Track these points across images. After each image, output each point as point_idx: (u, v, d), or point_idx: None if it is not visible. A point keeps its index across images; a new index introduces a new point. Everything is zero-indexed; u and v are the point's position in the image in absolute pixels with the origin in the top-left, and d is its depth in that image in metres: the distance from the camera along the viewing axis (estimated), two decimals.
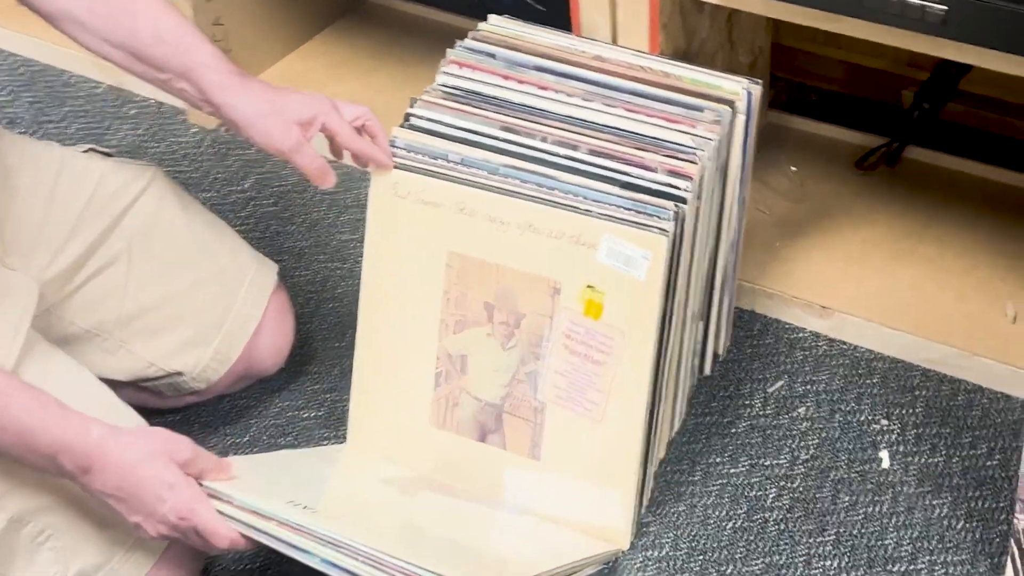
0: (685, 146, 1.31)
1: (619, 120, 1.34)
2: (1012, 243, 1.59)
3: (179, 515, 1.16)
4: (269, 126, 1.29)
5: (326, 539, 1.15)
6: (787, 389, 1.50)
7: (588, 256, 1.27)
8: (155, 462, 1.16)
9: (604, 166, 1.30)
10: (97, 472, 1.14)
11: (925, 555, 1.32)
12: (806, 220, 1.65)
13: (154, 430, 1.20)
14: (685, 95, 1.36)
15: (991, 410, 1.45)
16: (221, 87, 1.29)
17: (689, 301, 1.37)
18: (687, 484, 1.41)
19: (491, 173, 1.31)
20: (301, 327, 1.58)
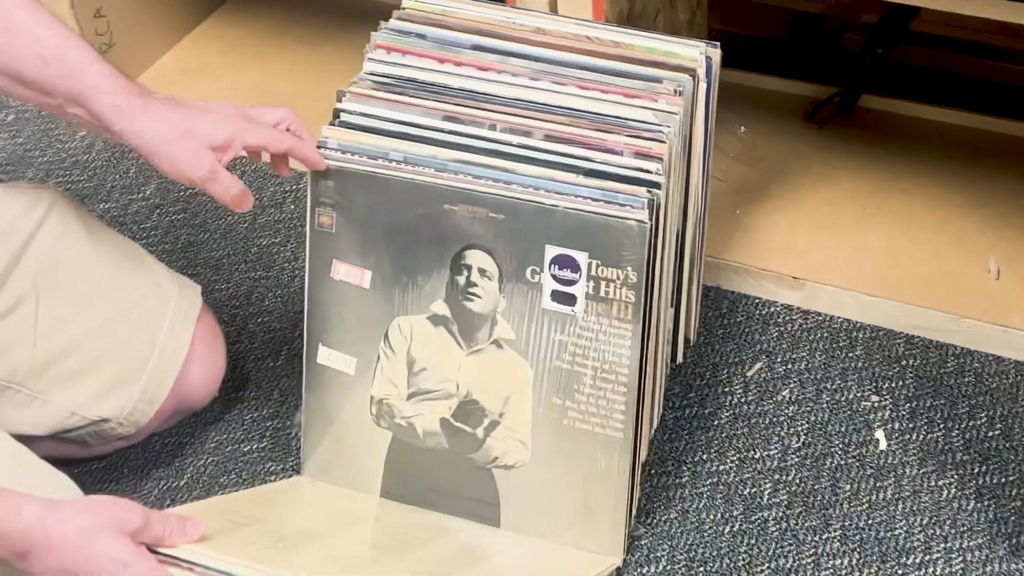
0: (649, 123, 1.19)
1: (573, 99, 1.21)
2: (983, 190, 1.51)
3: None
4: (177, 153, 1.15)
5: None
6: (767, 371, 1.39)
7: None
8: (104, 537, 1.02)
9: (564, 153, 1.18)
10: (38, 556, 1.00)
11: (939, 542, 1.23)
12: (763, 184, 1.54)
13: (97, 499, 1.06)
14: (640, 66, 1.24)
15: (984, 374, 1.37)
16: (118, 112, 1.14)
17: (663, 289, 1.26)
18: (675, 487, 1.30)
19: (439, 171, 1.18)
20: (229, 348, 1.43)
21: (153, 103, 1.15)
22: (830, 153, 1.57)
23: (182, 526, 1.06)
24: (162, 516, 1.06)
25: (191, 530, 1.06)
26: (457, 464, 1.24)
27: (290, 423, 1.40)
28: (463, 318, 1.21)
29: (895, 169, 1.54)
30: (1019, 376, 1.36)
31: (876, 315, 1.42)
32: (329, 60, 1.80)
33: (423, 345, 1.24)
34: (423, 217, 1.19)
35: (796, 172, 1.55)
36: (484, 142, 1.19)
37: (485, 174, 1.17)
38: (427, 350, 1.24)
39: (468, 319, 1.21)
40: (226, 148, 1.16)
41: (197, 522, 1.07)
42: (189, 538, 1.06)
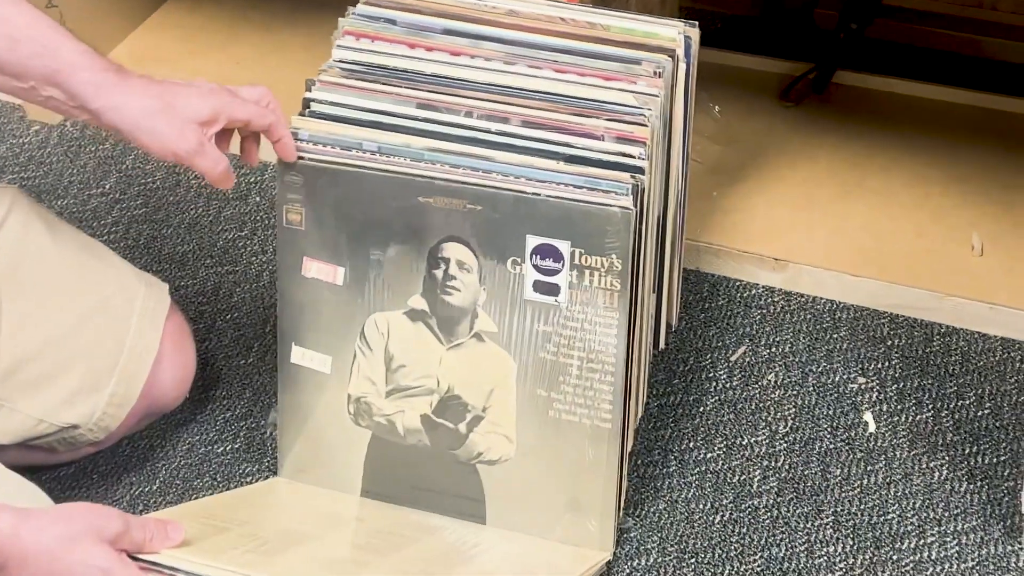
0: (630, 106, 1.16)
1: (549, 83, 1.18)
2: (962, 165, 1.49)
3: None
4: (160, 126, 1.10)
5: None
6: (751, 355, 1.37)
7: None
8: (82, 545, 0.98)
9: (543, 139, 1.14)
10: (14, 568, 0.96)
11: (933, 526, 1.21)
12: (740, 164, 1.52)
13: (73, 506, 1.02)
14: (617, 47, 1.20)
15: (970, 353, 1.35)
16: (96, 88, 1.09)
17: (647, 275, 1.23)
18: (663, 477, 1.27)
19: (415, 160, 1.14)
20: (198, 346, 1.39)
21: (132, 78, 1.11)
22: (806, 131, 1.54)
23: (163, 531, 1.02)
24: (142, 521, 1.02)
25: (173, 534, 1.02)
26: (440, 461, 1.21)
27: (264, 423, 1.36)
28: (442, 312, 1.18)
29: (872, 146, 1.52)
30: (1006, 353, 1.34)
31: (859, 295, 1.40)
32: (289, 47, 1.76)
33: (401, 341, 1.20)
34: (397, 210, 1.15)
35: (772, 151, 1.53)
36: (460, 129, 1.16)
37: (462, 163, 1.13)
38: (405, 346, 1.20)
39: (447, 313, 1.18)
40: (212, 122, 1.11)
41: (178, 525, 1.04)
42: (171, 543, 1.02)
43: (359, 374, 1.21)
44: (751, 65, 1.62)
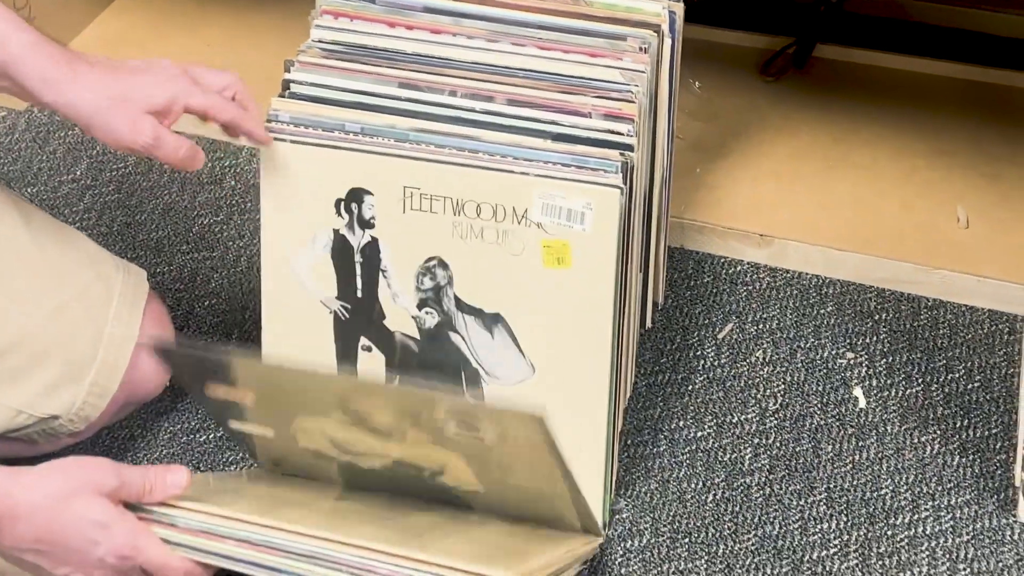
0: (616, 83, 1.14)
1: (534, 61, 1.16)
2: (946, 138, 1.48)
3: (119, 555, 0.97)
4: (112, 121, 1.07)
5: (300, 553, 0.97)
6: (738, 332, 1.36)
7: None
8: (78, 500, 0.96)
9: (529, 117, 1.12)
10: (7, 526, 0.94)
11: (926, 500, 1.20)
12: (722, 140, 1.50)
13: (65, 462, 0.99)
14: (602, 23, 1.19)
15: (958, 326, 1.34)
16: (45, 83, 1.07)
17: (634, 253, 1.21)
18: (653, 457, 1.26)
19: (399, 141, 1.12)
20: (177, 334, 1.37)
21: (84, 71, 1.08)
22: (788, 106, 1.53)
23: (163, 479, 0.99)
24: (140, 471, 0.99)
25: (175, 480, 0.99)
26: (414, 485, 1.20)
27: None
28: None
29: (855, 120, 1.51)
30: (994, 325, 1.34)
31: (845, 270, 1.39)
32: (261, 29, 1.73)
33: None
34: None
35: (755, 126, 1.52)
36: (445, 109, 1.14)
37: (448, 143, 1.11)
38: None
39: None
40: (167, 111, 1.08)
41: (180, 469, 1.00)
42: (174, 491, 0.99)
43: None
44: (731, 40, 1.61)
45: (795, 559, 1.17)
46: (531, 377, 1.16)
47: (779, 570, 1.17)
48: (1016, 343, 1.32)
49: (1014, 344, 1.32)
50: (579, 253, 1.10)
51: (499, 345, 1.15)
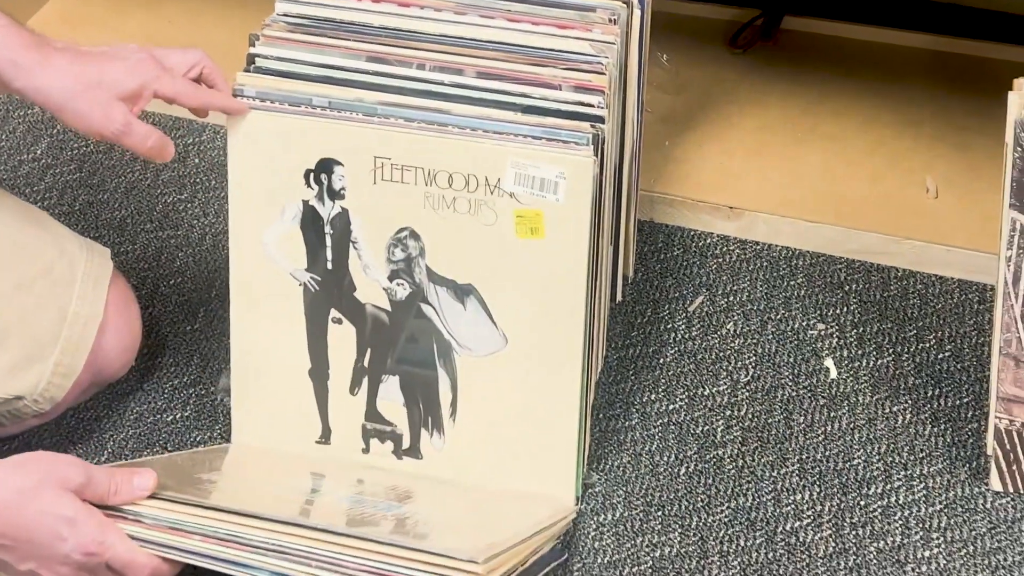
0: (586, 55, 1.13)
1: (503, 33, 1.15)
2: (914, 108, 1.48)
3: (85, 551, 0.97)
4: (84, 108, 1.06)
5: (268, 547, 0.97)
6: (709, 304, 1.35)
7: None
8: (45, 495, 0.96)
9: (499, 90, 1.11)
10: None
11: (899, 470, 1.20)
12: (691, 113, 1.50)
13: (31, 456, 0.99)
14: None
15: (928, 296, 1.34)
16: (16, 68, 1.06)
17: (604, 225, 1.20)
18: (625, 430, 1.26)
19: (368, 115, 1.11)
20: (142, 313, 1.35)
21: (53, 56, 1.06)
22: (756, 77, 1.53)
23: (129, 482, 0.99)
24: (107, 472, 0.99)
25: (141, 484, 0.99)
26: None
27: (214, 389, 1.32)
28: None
29: (823, 91, 1.51)
30: (964, 295, 1.34)
31: (815, 241, 1.38)
32: (223, 4, 1.71)
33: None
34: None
35: (723, 99, 1.51)
36: (413, 82, 1.12)
37: (417, 116, 1.10)
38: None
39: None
40: (136, 98, 1.07)
41: (147, 472, 1.00)
42: (140, 494, 0.99)
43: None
44: (699, 13, 1.60)
45: (768, 530, 1.17)
46: (504, 348, 1.15)
47: (753, 541, 1.17)
48: (986, 312, 1.32)
49: (984, 313, 1.32)
50: (552, 223, 1.09)
51: (471, 316, 1.14)
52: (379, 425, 1.19)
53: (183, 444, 1.28)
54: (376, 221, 1.13)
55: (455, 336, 1.16)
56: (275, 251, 1.16)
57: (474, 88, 1.11)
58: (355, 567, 0.96)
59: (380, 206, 1.12)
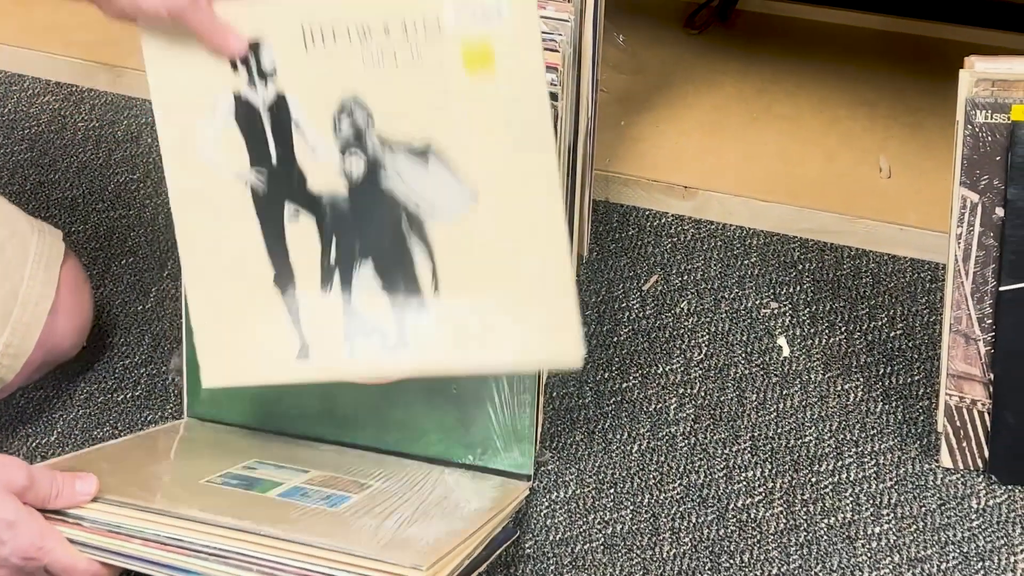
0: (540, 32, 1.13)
1: None
2: (867, 89, 1.48)
3: (23, 555, 0.95)
4: None
5: (210, 552, 0.96)
6: (663, 283, 1.36)
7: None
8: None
9: None
10: None
11: (850, 447, 1.21)
12: (647, 93, 1.49)
13: None
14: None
15: (880, 274, 1.35)
16: None
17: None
18: (579, 408, 1.26)
19: None
20: (94, 293, 1.34)
21: None
22: (711, 58, 1.53)
23: (71, 486, 0.98)
24: (49, 475, 0.98)
25: (83, 489, 0.98)
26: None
27: (166, 369, 1.31)
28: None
29: (778, 71, 1.51)
30: (916, 274, 1.35)
31: (769, 220, 1.39)
32: None
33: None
34: None
35: (679, 79, 1.51)
36: None
37: None
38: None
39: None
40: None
41: (89, 478, 0.99)
42: (81, 499, 0.98)
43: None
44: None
45: (720, 507, 1.18)
46: (475, 205, 1.05)
47: (704, 518, 1.17)
48: (938, 291, 1.33)
49: (936, 292, 1.33)
50: (502, 52, 1.01)
51: (435, 177, 1.05)
52: (360, 321, 1.09)
53: (134, 424, 1.27)
54: (315, 96, 1.05)
55: (421, 204, 1.06)
56: (213, 153, 1.07)
57: None
58: (296, 572, 0.95)
59: (316, 77, 1.04)
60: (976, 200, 1.11)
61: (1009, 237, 1.11)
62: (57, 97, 1.61)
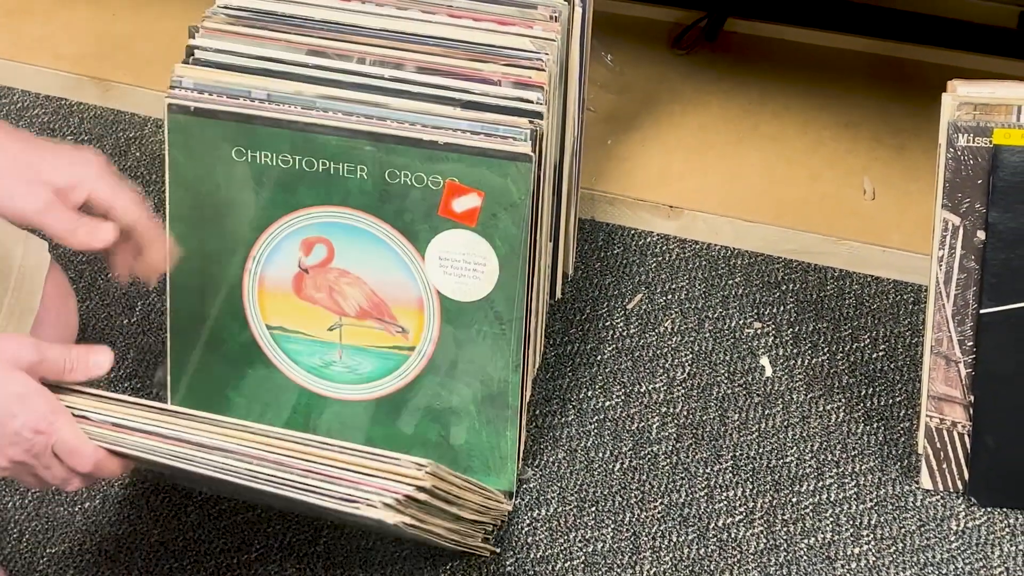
0: (526, 51, 1.14)
1: (444, 28, 1.15)
2: (853, 111, 1.49)
3: (35, 428, 0.94)
4: (8, 187, 1.00)
5: (211, 444, 0.96)
6: (647, 302, 1.36)
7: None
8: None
9: (439, 85, 1.12)
10: None
11: (831, 467, 1.22)
12: (634, 112, 1.50)
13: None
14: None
15: (864, 296, 1.36)
16: None
17: (544, 223, 1.21)
18: (562, 426, 1.26)
19: (306, 108, 1.11)
20: (80, 306, 1.35)
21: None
22: (698, 78, 1.54)
23: (86, 359, 0.97)
24: (62, 349, 0.97)
25: (97, 361, 0.97)
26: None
27: (150, 383, 1.32)
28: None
29: (764, 92, 1.52)
30: (899, 295, 1.35)
31: (754, 240, 1.40)
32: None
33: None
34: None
35: (666, 99, 1.52)
36: (352, 76, 1.12)
37: (356, 110, 1.10)
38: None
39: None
40: (69, 190, 1.00)
41: (104, 349, 0.98)
42: (96, 371, 0.96)
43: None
44: (642, 13, 1.61)
45: (701, 526, 1.18)
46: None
47: (685, 537, 1.17)
48: (920, 313, 1.34)
49: (918, 314, 1.34)
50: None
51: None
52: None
53: None
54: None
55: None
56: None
57: (414, 83, 1.12)
58: (298, 466, 0.95)
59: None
60: (958, 223, 1.12)
61: (990, 260, 1.12)
62: (46, 110, 1.61)
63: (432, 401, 1.18)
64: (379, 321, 1.16)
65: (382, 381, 1.18)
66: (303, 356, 1.19)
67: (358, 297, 1.16)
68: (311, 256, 1.15)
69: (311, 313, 1.17)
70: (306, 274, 1.16)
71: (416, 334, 1.16)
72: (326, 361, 1.19)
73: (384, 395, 1.19)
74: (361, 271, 1.15)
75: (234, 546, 1.18)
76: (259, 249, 1.16)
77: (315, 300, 1.17)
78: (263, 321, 1.18)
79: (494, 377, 1.16)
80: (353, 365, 1.18)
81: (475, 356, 1.16)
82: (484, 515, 1.12)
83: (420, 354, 1.16)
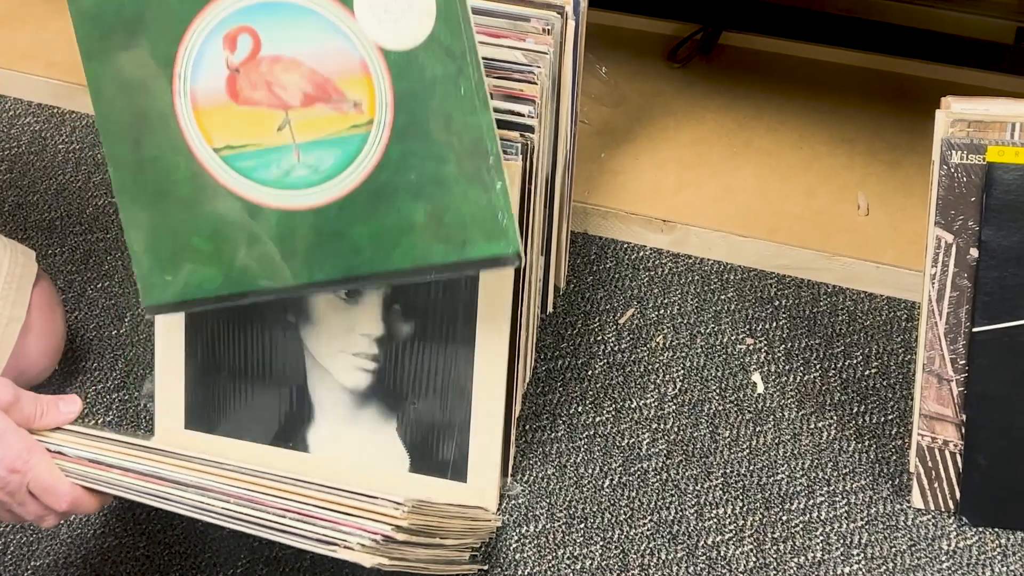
0: (518, 64, 1.13)
1: None
2: (848, 126, 1.48)
3: (10, 467, 0.94)
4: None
5: (186, 482, 0.96)
6: (639, 317, 1.35)
7: None
8: None
9: None
10: None
11: (822, 485, 1.21)
12: (628, 125, 1.49)
13: None
14: (505, 3, 1.17)
15: (857, 312, 1.35)
16: None
17: (535, 237, 1.20)
18: (551, 442, 1.25)
19: None
20: (68, 316, 1.35)
21: None
22: (693, 92, 1.53)
23: (55, 406, 0.98)
24: (33, 396, 0.98)
25: (67, 409, 0.98)
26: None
27: (138, 394, 1.31)
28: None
29: (759, 107, 1.51)
30: (892, 312, 1.34)
31: (747, 256, 1.39)
32: None
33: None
34: None
35: (660, 112, 1.51)
36: None
37: None
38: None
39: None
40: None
41: (73, 399, 0.99)
42: (65, 419, 0.98)
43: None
44: (637, 26, 1.60)
45: (690, 544, 1.17)
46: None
47: (674, 555, 1.16)
48: (913, 330, 1.33)
49: (911, 331, 1.33)
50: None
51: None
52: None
53: None
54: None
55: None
56: None
57: None
58: (274, 505, 0.95)
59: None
60: (951, 240, 1.11)
61: (983, 278, 1.11)
62: (38, 118, 1.60)
63: (408, 175, 1.05)
64: (328, 103, 1.03)
65: (350, 170, 1.05)
66: (260, 171, 1.06)
67: (299, 82, 1.03)
68: (237, 51, 1.03)
69: (255, 118, 1.04)
70: (237, 74, 1.04)
71: (370, 103, 1.03)
72: (284, 169, 1.05)
73: (356, 186, 1.05)
74: (294, 51, 1.03)
75: (220, 560, 1.17)
76: (182, 63, 1.04)
77: (255, 101, 1.04)
78: (208, 145, 1.06)
79: (464, 122, 1.02)
80: (314, 163, 1.05)
81: (438, 107, 1.02)
82: (469, 536, 1.11)
83: (380, 124, 1.03)
